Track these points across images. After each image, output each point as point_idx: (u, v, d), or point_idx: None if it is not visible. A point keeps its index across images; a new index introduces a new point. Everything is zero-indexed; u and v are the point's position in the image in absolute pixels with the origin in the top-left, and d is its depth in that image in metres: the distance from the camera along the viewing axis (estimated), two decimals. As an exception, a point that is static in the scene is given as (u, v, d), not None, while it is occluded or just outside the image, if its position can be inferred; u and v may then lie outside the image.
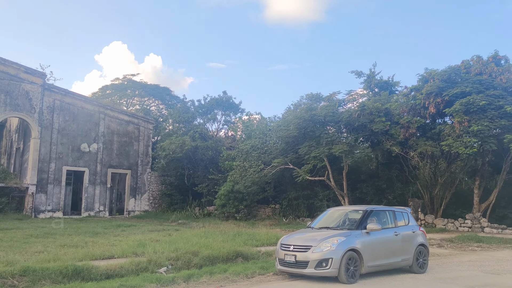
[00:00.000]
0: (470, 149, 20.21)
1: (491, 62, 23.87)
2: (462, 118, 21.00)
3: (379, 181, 24.78)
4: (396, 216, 11.60)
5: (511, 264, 12.79)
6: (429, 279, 10.41)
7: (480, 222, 21.85)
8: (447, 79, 23.27)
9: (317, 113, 23.72)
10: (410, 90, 25.97)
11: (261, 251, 13.51)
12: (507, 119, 20.36)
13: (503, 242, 17.98)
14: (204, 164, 31.67)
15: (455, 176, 24.86)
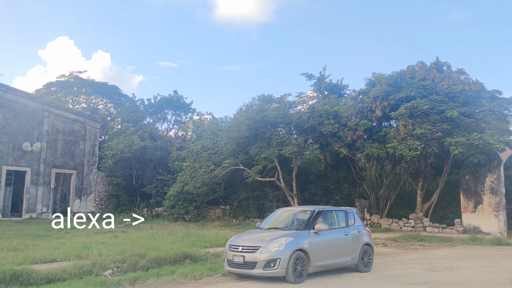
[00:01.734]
0: (414, 152, 20.97)
1: (434, 68, 24.92)
2: (406, 121, 21.77)
3: (327, 182, 25.27)
4: (342, 216, 11.87)
5: (450, 261, 13.37)
6: (373, 278, 10.69)
7: (423, 222, 22.74)
8: (393, 83, 24.06)
9: (268, 115, 23.89)
10: (358, 93, 26.67)
11: (210, 252, 13.43)
12: (448, 123, 21.28)
13: (443, 241, 18.80)
14: (153, 165, 31.11)
15: (399, 177, 25.75)
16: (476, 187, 21.95)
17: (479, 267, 12.29)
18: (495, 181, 21.51)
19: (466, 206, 22.03)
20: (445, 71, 25.20)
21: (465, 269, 11.92)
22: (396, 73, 24.61)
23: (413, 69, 25.47)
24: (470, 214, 21.85)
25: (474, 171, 21.98)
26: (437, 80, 24.12)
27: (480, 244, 18.25)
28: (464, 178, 22.36)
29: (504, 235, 20.70)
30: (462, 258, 14.13)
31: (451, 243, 18.32)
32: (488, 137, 19.97)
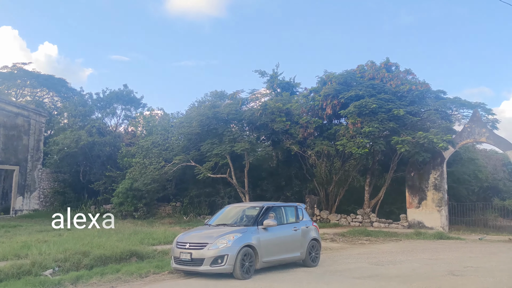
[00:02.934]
0: (362, 149, 21.46)
1: (383, 68, 25.57)
2: (355, 119, 22.25)
3: (279, 178, 25.46)
4: (291, 212, 11.96)
5: (394, 255, 13.78)
6: (320, 272, 10.83)
7: (370, 217, 23.36)
8: (344, 82, 24.51)
9: (221, 111, 23.75)
10: (309, 91, 26.99)
11: (158, 249, 13.18)
12: (395, 122, 21.93)
13: (389, 236, 19.38)
14: (101, 161, 30.20)
15: (348, 174, 26.32)
16: (420, 183, 22.77)
17: (421, 260, 12.73)
18: (438, 178, 22.39)
19: (411, 202, 22.82)
20: (394, 71, 25.92)
21: (408, 263, 12.30)
22: (346, 72, 25.09)
23: (363, 69, 26.04)
24: (415, 209, 22.65)
25: (419, 168, 22.79)
26: (386, 80, 24.77)
27: (424, 238, 18.94)
28: (410, 175, 23.14)
29: (445, 230, 21.61)
30: (406, 252, 14.60)
31: (397, 238, 18.91)
32: (432, 135, 20.75)
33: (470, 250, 15.36)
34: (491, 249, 15.81)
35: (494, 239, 19.29)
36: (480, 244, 17.65)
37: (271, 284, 9.42)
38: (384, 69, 25.46)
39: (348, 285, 9.27)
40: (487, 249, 15.81)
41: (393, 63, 26.23)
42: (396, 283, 9.49)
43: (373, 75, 25.18)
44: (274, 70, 29.01)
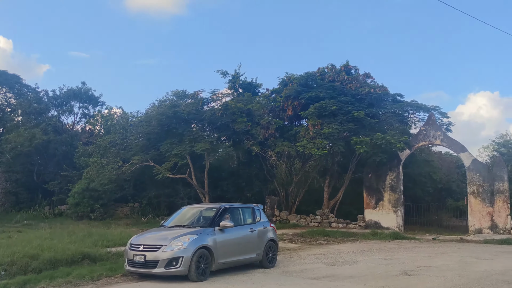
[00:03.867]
0: (322, 150, 21.68)
1: (343, 71, 25.92)
2: (315, 121, 22.46)
3: (239, 179, 25.37)
4: (249, 213, 11.92)
5: (351, 255, 13.96)
6: (276, 273, 10.83)
7: (329, 218, 23.64)
8: (304, 83, 24.72)
9: (181, 110, 23.43)
10: (271, 92, 27.09)
11: (112, 251, 12.84)
12: (354, 124, 22.28)
13: (346, 236, 19.66)
14: (57, 160, 29.25)
15: (308, 175, 26.54)
16: (378, 184, 23.23)
17: (377, 260, 12.94)
18: (395, 179, 22.90)
19: (369, 203, 23.24)
20: (354, 74, 26.33)
21: (363, 263, 12.48)
22: (307, 74, 25.31)
23: (324, 71, 26.33)
24: (372, 210, 23.08)
25: (377, 169, 23.23)
26: (346, 82, 25.13)
27: (380, 238, 19.30)
28: (367, 176, 23.56)
29: (401, 230, 22.12)
30: (362, 252, 14.82)
31: (354, 238, 19.19)
32: (390, 137, 21.19)
33: (423, 250, 15.75)
34: (444, 249, 16.27)
35: (447, 239, 19.89)
36: (434, 244, 18.14)
37: (227, 286, 9.34)
38: (344, 72, 25.82)
39: (303, 286, 9.29)
40: (440, 249, 16.26)
41: (353, 67, 26.64)
42: (351, 283, 9.58)
43: (333, 78, 25.51)
44: (236, 71, 28.93)
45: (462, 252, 15.18)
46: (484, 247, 17.02)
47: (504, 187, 21.32)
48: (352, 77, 25.64)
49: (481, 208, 21.51)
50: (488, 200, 21.44)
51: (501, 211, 21.15)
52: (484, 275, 10.61)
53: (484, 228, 21.24)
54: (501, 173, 21.56)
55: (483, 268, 11.65)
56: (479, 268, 11.66)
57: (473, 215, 21.67)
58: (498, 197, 21.29)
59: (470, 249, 16.36)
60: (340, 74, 25.54)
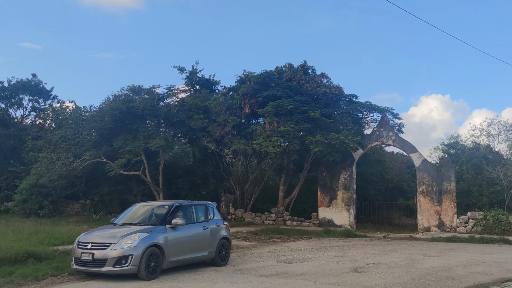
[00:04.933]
0: (277, 149, 21.79)
1: (300, 70, 26.13)
2: (272, 119, 22.56)
3: (194, 176, 25.11)
4: (202, 210, 11.81)
5: (303, 253, 14.10)
6: (229, 271, 10.78)
7: (283, 216, 23.82)
8: (262, 82, 24.76)
9: (136, 106, 22.97)
10: (228, 90, 26.95)
11: (59, 250, 12.43)
12: (310, 123, 22.52)
13: (300, 233, 19.87)
14: (3, 155, 27.99)
15: (264, 173, 26.64)
16: (331, 183, 23.61)
17: (328, 258, 13.13)
18: (348, 178, 23.35)
19: (322, 201, 23.59)
20: (311, 74, 26.60)
21: (315, 260, 12.62)
22: (265, 72, 25.35)
23: (281, 70, 26.43)
24: (326, 208, 23.44)
25: (331, 168, 23.60)
26: (303, 82, 25.34)
27: (332, 236, 19.64)
28: (322, 175, 23.90)
29: (353, 228, 22.58)
30: (314, 250, 15.00)
31: (307, 236, 19.42)
32: (344, 137, 21.57)
33: (374, 248, 16.13)
34: (393, 246, 16.72)
35: (397, 237, 20.48)
36: (384, 242, 18.62)
37: (177, 284, 9.20)
38: (302, 71, 26.04)
39: (254, 283, 9.28)
40: (390, 246, 16.70)
41: (310, 66, 26.90)
42: (302, 281, 9.66)
43: (290, 77, 25.67)
44: (193, 67, 28.59)
45: (410, 250, 15.64)
46: (432, 245, 17.62)
47: (451, 186, 22.16)
48: (309, 77, 25.90)
49: (430, 207, 22.27)
50: (436, 199, 22.22)
51: (448, 210, 21.98)
52: (430, 272, 10.96)
53: (432, 226, 22.00)
54: (449, 173, 22.39)
55: (429, 265, 12.05)
56: (425, 265, 12.05)
57: (422, 214, 22.40)
58: (445, 196, 22.11)
59: (418, 246, 16.89)
60: (297, 74, 25.74)
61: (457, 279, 9.99)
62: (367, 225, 23.70)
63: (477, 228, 21.23)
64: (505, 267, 11.79)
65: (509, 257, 13.94)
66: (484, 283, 9.49)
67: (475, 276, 10.44)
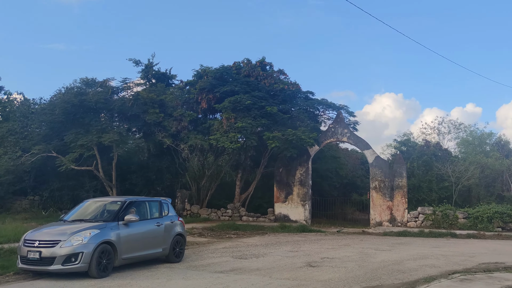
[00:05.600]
0: (235, 144, 21.73)
1: (258, 66, 26.15)
2: (229, 114, 22.46)
3: (149, 172, 24.63)
4: (156, 206, 11.59)
5: (259, 248, 14.13)
6: (183, 268, 10.64)
7: (239, 211, 23.82)
8: (220, 77, 24.59)
9: (88, 99, 22.21)
10: (185, 84, 26.62)
11: (4, 248, 11.87)
12: (267, 119, 22.59)
13: (256, 229, 19.92)
14: None
15: (221, 168, 26.51)
16: (288, 179, 23.82)
17: (283, 253, 13.22)
18: (304, 174, 23.62)
19: (278, 197, 23.77)
20: (268, 70, 26.67)
21: (270, 255, 12.67)
22: (223, 67, 25.19)
23: (239, 66, 26.38)
24: (282, 203, 23.64)
25: (287, 164, 23.81)
26: (261, 78, 25.39)
27: (288, 231, 19.81)
28: (278, 170, 24.06)
29: (308, 223, 22.90)
30: (270, 245, 15.07)
31: (263, 231, 19.50)
32: (300, 133, 21.78)
33: (328, 242, 16.40)
34: (347, 241, 17.05)
35: (351, 231, 20.92)
36: (338, 236, 18.98)
37: (130, 282, 8.98)
38: (260, 67, 26.07)
39: (209, 280, 9.19)
40: (344, 241, 17.02)
41: (268, 63, 26.96)
42: (257, 276, 9.65)
43: (248, 73, 25.67)
44: (149, 60, 27.87)
45: (363, 244, 16.00)
46: (383, 239, 18.11)
47: (403, 182, 22.86)
48: (267, 73, 25.97)
49: (382, 202, 22.88)
50: (388, 195, 22.86)
51: (400, 205, 22.66)
52: (382, 265, 11.24)
53: (384, 221, 22.62)
54: (401, 169, 23.08)
55: (381, 259, 12.35)
56: (377, 259, 12.34)
57: (375, 209, 22.99)
58: (397, 192, 22.78)
59: (371, 241, 17.31)
60: (255, 70, 25.75)
61: (407, 272, 10.29)
62: (321, 220, 24.08)
63: (426, 223, 22.02)
64: (452, 260, 12.26)
65: (456, 250, 14.51)
66: (432, 275, 9.81)
67: (424, 269, 10.79)
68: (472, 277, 9.49)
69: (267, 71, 26.46)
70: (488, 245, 16.28)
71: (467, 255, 13.31)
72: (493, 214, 21.13)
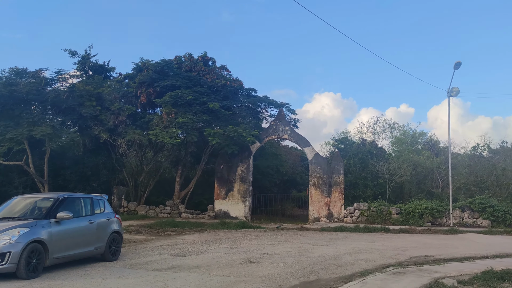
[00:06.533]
0: (175, 140, 21.36)
1: (201, 61, 25.91)
2: (170, 109, 22.05)
3: (84, 167, 23.66)
4: (91, 203, 11.12)
5: (198, 246, 13.98)
6: (119, 266, 10.30)
7: (179, 208, 23.48)
8: (160, 71, 24.08)
9: (19, 89, 20.94)
10: (124, 77, 25.85)
11: None
12: (209, 115, 22.41)
13: (196, 226, 19.72)
14: None
15: (160, 164, 26.02)
16: (229, 175, 23.78)
17: (223, 250, 13.16)
18: (245, 171, 23.68)
19: (219, 193, 23.67)
20: (211, 65, 26.51)
21: (210, 252, 12.57)
22: (164, 61, 24.69)
23: (181, 60, 26.01)
24: (222, 200, 23.56)
25: (228, 161, 23.76)
26: (203, 73, 25.18)
27: (228, 228, 19.77)
28: (219, 167, 23.96)
29: (248, 219, 22.99)
30: (209, 242, 14.95)
31: (203, 228, 19.33)
32: (242, 130, 21.81)
33: (268, 238, 16.53)
34: (286, 237, 17.28)
35: (290, 227, 21.23)
36: (277, 232, 19.18)
37: (62, 283, 8.54)
38: (202, 62, 25.84)
39: (147, 278, 8.95)
40: (283, 237, 17.23)
41: (210, 58, 26.81)
42: (196, 273, 9.52)
43: (190, 67, 25.37)
44: (86, 51, 26.77)
45: (302, 240, 16.27)
46: (321, 234, 18.52)
47: (340, 179, 23.50)
48: (209, 68, 25.79)
49: (320, 199, 23.41)
50: (326, 191, 23.42)
51: (337, 201, 23.29)
52: (319, 260, 11.47)
53: (322, 217, 23.15)
54: (338, 167, 23.72)
55: (319, 254, 12.61)
56: (315, 254, 12.59)
57: (313, 205, 23.47)
58: (335, 188, 23.39)
59: (309, 236, 17.65)
60: (197, 64, 25.49)
61: (343, 267, 10.56)
62: (261, 217, 24.26)
63: (362, 218, 22.80)
64: (386, 254, 12.75)
65: (389, 245, 15.11)
66: (367, 269, 10.12)
67: (360, 263, 11.13)
68: (405, 270, 9.89)
69: (209, 66, 26.27)
70: (419, 239, 17.10)
71: (399, 249, 13.89)
72: (424, 210, 22.24)
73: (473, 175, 26.81)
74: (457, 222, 22.18)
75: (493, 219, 21.94)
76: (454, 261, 11.70)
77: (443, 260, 11.70)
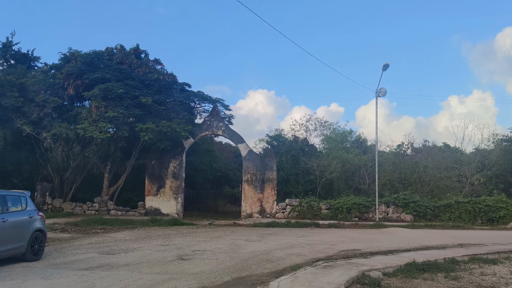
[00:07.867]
0: (105, 134, 20.62)
1: (132, 54, 25.17)
2: (100, 103, 21.25)
3: (5, 162, 22.18)
4: (11, 200, 10.38)
5: (128, 243, 13.56)
6: (42, 266, 9.73)
7: (107, 205, 22.69)
8: (90, 62, 23.14)
9: None
10: (50, 67, 24.61)
11: None
12: (141, 109, 21.83)
13: (125, 223, 19.14)
14: None
15: (88, 160, 25.01)
16: (160, 171, 23.32)
17: (154, 247, 12.85)
18: (178, 167, 23.33)
19: (150, 190, 23.16)
20: (143, 59, 25.85)
21: (140, 250, 12.23)
22: (94, 52, 23.74)
23: (112, 52, 25.17)
24: (153, 197, 23.08)
25: (160, 156, 23.29)
26: (135, 66, 24.50)
27: (159, 225, 19.37)
28: (151, 163, 23.43)
29: (180, 216, 22.71)
30: (139, 240, 14.56)
31: (132, 225, 18.81)
32: (175, 125, 21.43)
33: (200, 235, 16.37)
34: (218, 233, 17.21)
35: (222, 224, 21.19)
36: (210, 229, 19.07)
37: (-25, 286, 7.93)
38: (134, 55, 25.13)
39: (72, 278, 8.52)
40: (215, 233, 17.15)
41: (143, 51, 26.16)
42: (125, 272, 9.21)
43: (122, 60, 24.59)
44: (8, 39, 25.16)
45: (234, 236, 16.28)
46: (254, 230, 18.65)
47: (273, 176, 23.81)
48: (141, 61, 25.13)
49: (253, 195, 23.59)
50: (259, 187, 23.63)
51: (269, 197, 23.58)
52: (252, 256, 11.52)
53: (254, 213, 23.34)
54: (272, 163, 24.01)
55: (251, 249, 12.67)
56: (247, 250, 12.63)
57: (246, 201, 23.60)
58: (267, 184, 23.66)
59: (242, 232, 17.70)
60: (129, 57, 24.75)
61: (275, 262, 10.68)
62: (194, 213, 24.05)
63: (293, 214, 23.26)
64: (316, 248, 13.07)
65: (319, 239, 15.52)
66: (298, 263, 10.31)
67: (291, 258, 11.31)
68: (334, 264, 10.18)
69: (142, 59, 25.61)
70: (347, 234, 17.71)
71: (329, 243, 14.30)
72: (352, 205, 23.10)
73: (398, 172, 28.20)
74: (383, 217, 23.24)
75: (415, 214, 23.22)
76: (380, 254, 12.22)
77: (370, 254, 12.18)
